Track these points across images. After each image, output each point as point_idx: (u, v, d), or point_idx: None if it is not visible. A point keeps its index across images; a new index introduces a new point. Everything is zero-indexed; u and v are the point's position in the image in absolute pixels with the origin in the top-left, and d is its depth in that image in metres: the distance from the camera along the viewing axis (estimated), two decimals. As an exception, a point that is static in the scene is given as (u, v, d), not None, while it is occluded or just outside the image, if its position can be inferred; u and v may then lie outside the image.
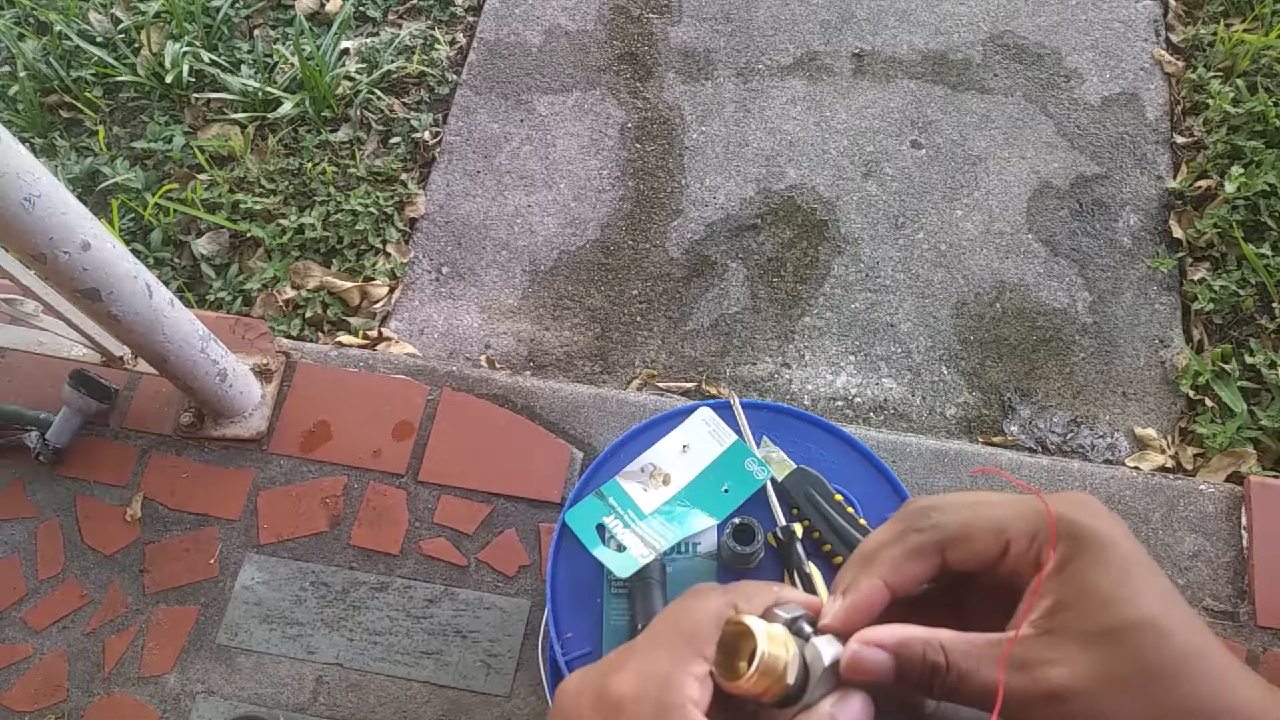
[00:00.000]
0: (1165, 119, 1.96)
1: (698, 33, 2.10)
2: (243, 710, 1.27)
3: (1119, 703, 0.32)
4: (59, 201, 0.96)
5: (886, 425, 1.65)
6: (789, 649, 0.36)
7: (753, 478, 0.94)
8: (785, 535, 0.88)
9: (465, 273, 1.84)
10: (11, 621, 1.35)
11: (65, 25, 2.08)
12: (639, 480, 0.94)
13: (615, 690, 0.37)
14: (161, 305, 1.16)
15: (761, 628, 0.36)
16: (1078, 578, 0.34)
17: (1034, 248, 1.82)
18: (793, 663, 0.36)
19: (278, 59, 2.06)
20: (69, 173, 1.91)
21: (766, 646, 0.35)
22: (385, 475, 1.43)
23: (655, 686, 0.36)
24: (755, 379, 1.71)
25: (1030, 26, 2.08)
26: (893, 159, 1.93)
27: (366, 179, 1.91)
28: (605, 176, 1.93)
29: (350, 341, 1.71)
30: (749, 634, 0.36)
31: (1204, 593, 1.34)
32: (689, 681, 0.36)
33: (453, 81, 2.06)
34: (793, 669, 0.36)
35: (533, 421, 1.46)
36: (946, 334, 1.74)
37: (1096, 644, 0.33)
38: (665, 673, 0.36)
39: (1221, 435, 1.55)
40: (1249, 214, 1.75)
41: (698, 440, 0.96)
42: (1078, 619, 0.33)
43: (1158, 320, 1.74)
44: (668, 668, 0.36)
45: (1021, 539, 0.36)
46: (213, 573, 1.37)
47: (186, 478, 1.43)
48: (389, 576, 1.35)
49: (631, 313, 1.79)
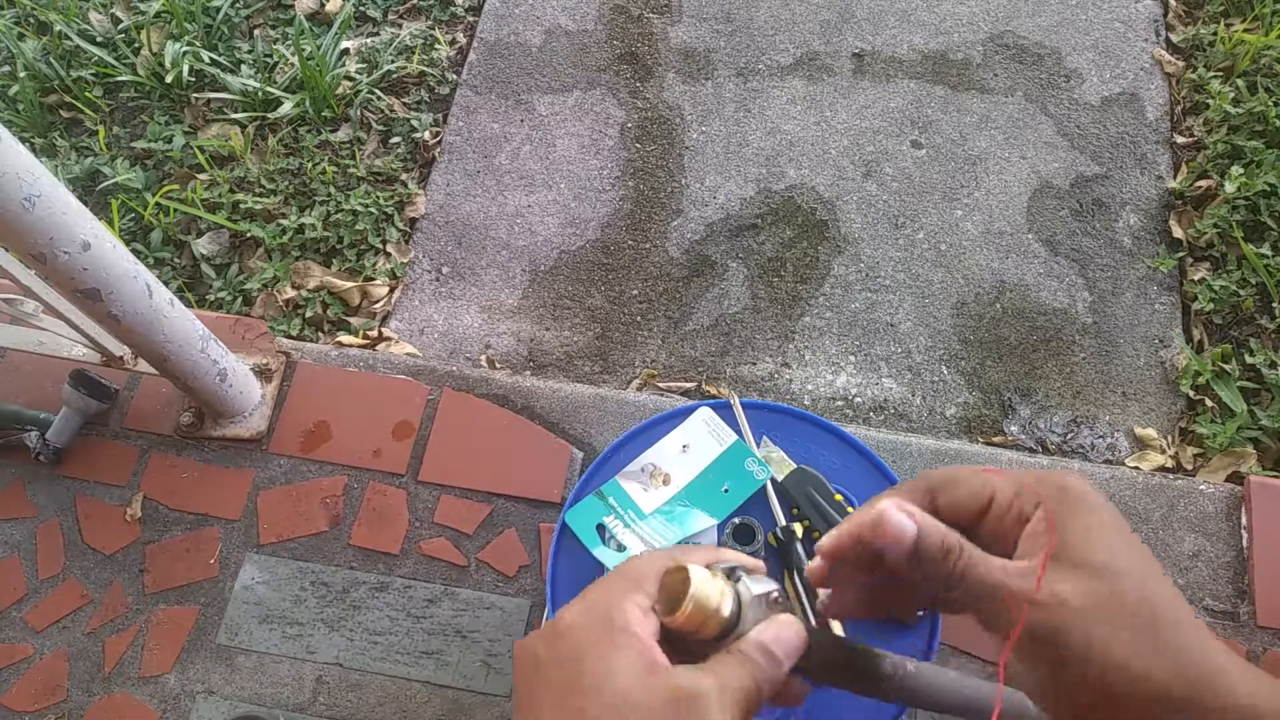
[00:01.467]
0: (1165, 119, 1.96)
1: (698, 33, 2.10)
2: (243, 710, 1.27)
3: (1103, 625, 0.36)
4: (59, 201, 0.96)
5: (886, 425, 1.65)
6: (722, 589, 0.41)
7: (752, 478, 0.94)
8: (785, 535, 0.88)
9: (465, 273, 1.84)
10: (11, 621, 1.35)
11: (65, 25, 2.08)
12: (639, 480, 0.94)
13: (563, 621, 0.41)
14: (161, 305, 1.16)
15: (697, 570, 0.41)
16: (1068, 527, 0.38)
17: (1034, 248, 1.82)
18: (725, 599, 0.41)
19: (278, 59, 2.06)
20: (69, 173, 1.91)
21: (699, 585, 0.40)
22: (385, 475, 1.42)
23: (600, 611, 0.40)
24: (755, 379, 1.71)
25: (1030, 26, 2.08)
26: (893, 159, 1.93)
27: (366, 179, 1.91)
28: (605, 176, 1.93)
29: (350, 341, 1.71)
30: (687, 577, 0.40)
31: (1204, 593, 1.34)
32: (631, 608, 0.40)
33: (453, 81, 2.06)
34: (726, 604, 0.41)
35: (533, 421, 1.46)
36: (946, 334, 1.74)
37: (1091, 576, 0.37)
38: (609, 600, 0.41)
39: (1221, 435, 1.54)
40: (1249, 214, 1.75)
41: (698, 440, 0.96)
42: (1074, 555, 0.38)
43: (1158, 320, 1.74)
44: (612, 598, 0.41)
45: (1006, 494, 0.40)
46: (213, 573, 1.37)
47: (186, 478, 1.43)
48: (389, 576, 1.35)
49: (631, 313, 1.79)
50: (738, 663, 0.40)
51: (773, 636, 0.41)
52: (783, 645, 0.41)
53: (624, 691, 0.38)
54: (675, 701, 0.37)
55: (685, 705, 0.37)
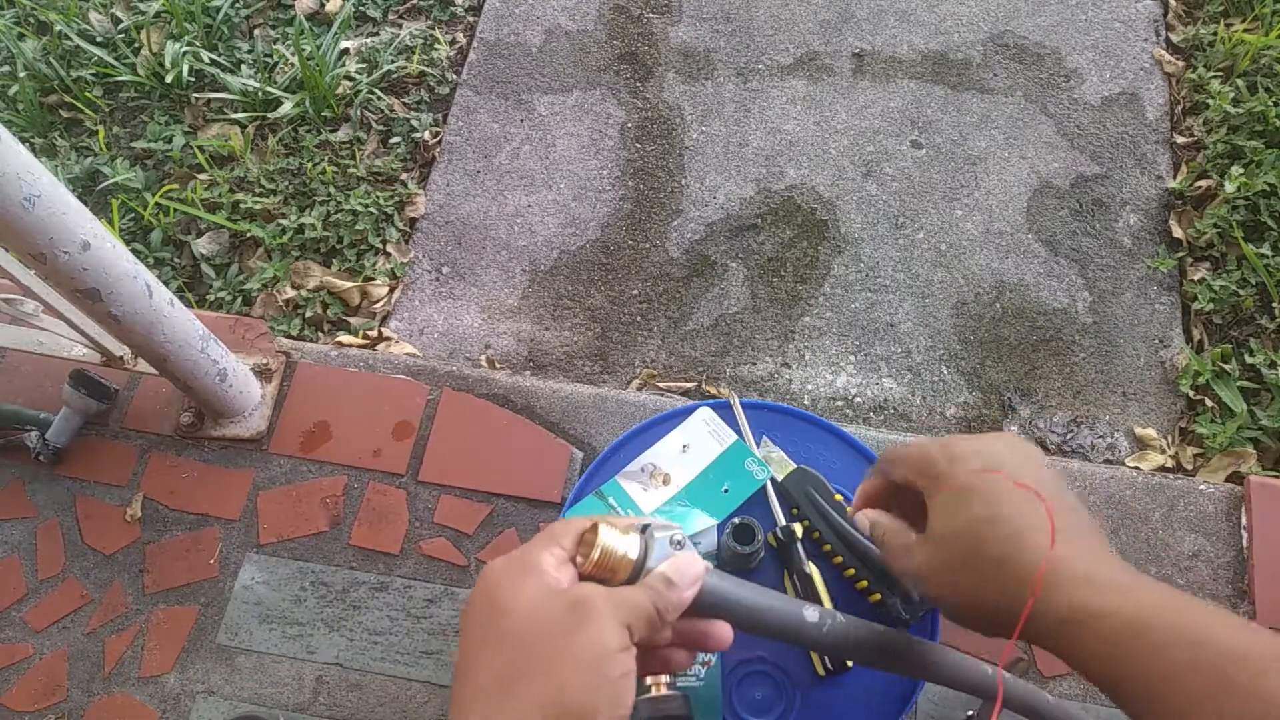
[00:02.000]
0: (1165, 119, 1.96)
1: (698, 33, 2.10)
2: (243, 710, 1.27)
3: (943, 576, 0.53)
4: (59, 201, 0.97)
5: (886, 425, 1.65)
6: (631, 539, 0.48)
7: (752, 477, 0.94)
8: (785, 535, 0.88)
9: (465, 273, 1.84)
10: (11, 621, 1.35)
11: (65, 25, 2.08)
12: (639, 480, 0.94)
13: (488, 568, 0.48)
14: (161, 305, 1.16)
15: (606, 526, 0.48)
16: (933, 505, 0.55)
17: (1034, 248, 1.82)
18: (633, 546, 0.48)
19: (278, 59, 2.06)
20: (69, 173, 1.91)
21: (605, 534, 0.47)
22: (385, 475, 1.42)
23: (517, 558, 0.48)
24: (755, 379, 1.71)
25: (1030, 26, 2.08)
26: (893, 159, 1.93)
27: (366, 179, 1.91)
28: (605, 176, 1.93)
29: (350, 341, 1.71)
30: (597, 529, 0.47)
31: (1204, 593, 1.34)
32: (545, 555, 0.47)
33: (453, 81, 2.06)
34: (633, 550, 0.48)
35: (533, 421, 1.46)
36: (946, 334, 1.74)
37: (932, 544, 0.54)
38: (527, 551, 0.48)
39: (1221, 435, 1.54)
40: (1249, 214, 1.75)
41: (698, 440, 0.96)
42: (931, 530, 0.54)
43: (1158, 320, 1.74)
44: (530, 549, 0.48)
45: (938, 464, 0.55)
46: (213, 573, 1.37)
47: (186, 478, 1.43)
48: (389, 576, 1.35)
49: (631, 313, 1.79)
50: (636, 588, 0.47)
51: (671, 566, 0.48)
52: (679, 573, 0.48)
53: (529, 605, 0.45)
54: (570, 606, 0.45)
55: (577, 607, 0.45)
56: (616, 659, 0.44)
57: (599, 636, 0.44)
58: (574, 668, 0.43)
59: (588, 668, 0.43)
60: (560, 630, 0.44)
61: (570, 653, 0.43)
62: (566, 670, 0.43)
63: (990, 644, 1.30)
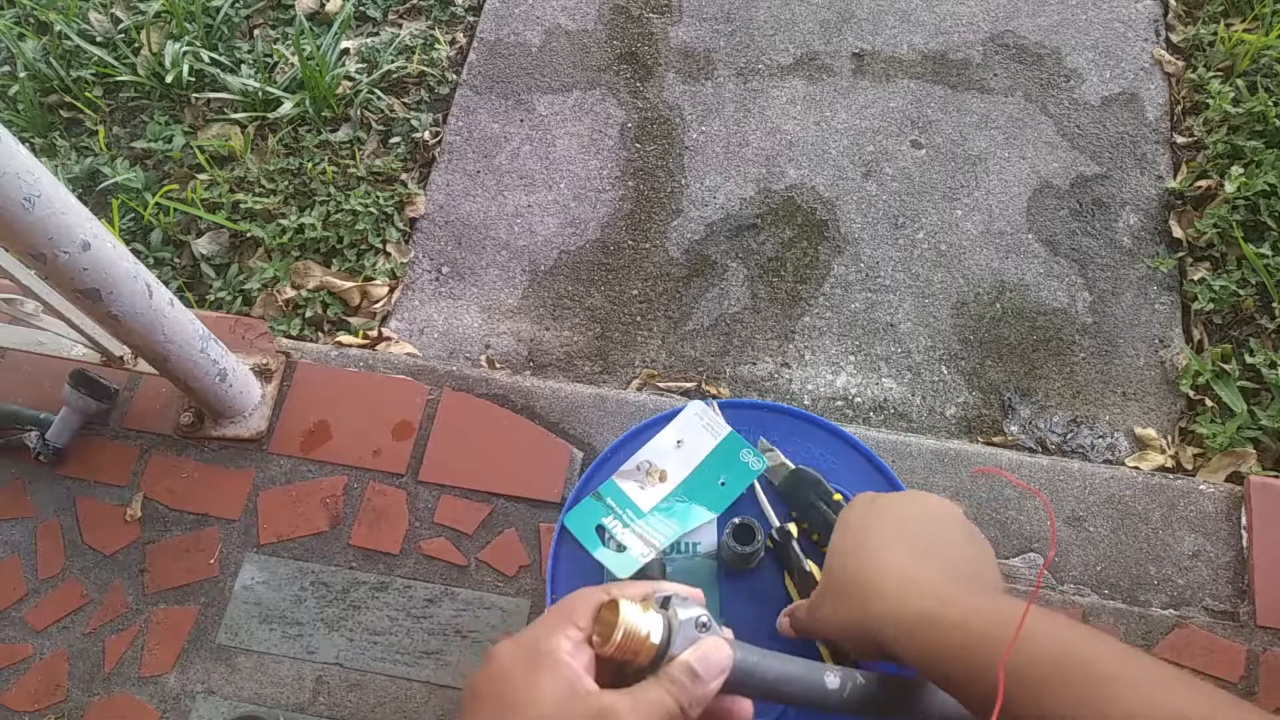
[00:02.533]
0: (1165, 119, 1.96)
1: (698, 32, 2.10)
2: (243, 710, 1.27)
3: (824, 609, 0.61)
4: (59, 201, 0.97)
5: (886, 425, 1.65)
6: (652, 617, 0.45)
7: (748, 469, 0.94)
8: (781, 536, 0.88)
9: (465, 273, 1.84)
10: (11, 621, 1.35)
11: (65, 25, 2.08)
12: (635, 479, 0.94)
13: (497, 653, 0.44)
14: (161, 305, 1.16)
15: (627, 603, 0.44)
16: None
17: (1034, 248, 1.82)
18: (655, 627, 0.44)
19: (278, 59, 2.06)
20: (69, 173, 1.91)
21: (628, 615, 0.44)
22: (385, 475, 1.43)
23: (530, 642, 0.44)
24: (755, 379, 1.71)
25: (1030, 26, 2.08)
26: (893, 159, 1.93)
27: (366, 179, 1.91)
28: (605, 176, 1.93)
29: (350, 341, 1.71)
30: (618, 609, 0.44)
31: (1204, 593, 1.34)
32: (561, 639, 0.44)
33: (453, 81, 2.06)
34: (656, 632, 0.44)
35: (533, 421, 1.46)
36: (946, 334, 1.74)
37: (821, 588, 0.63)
38: (540, 633, 0.44)
39: (1221, 435, 1.54)
40: (1249, 214, 1.75)
41: (691, 434, 0.96)
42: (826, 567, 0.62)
43: (1158, 320, 1.74)
44: (543, 631, 0.44)
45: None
46: (213, 573, 1.37)
47: (186, 478, 1.43)
48: (389, 576, 1.35)
49: (631, 313, 1.79)
50: (658, 683, 0.43)
51: (697, 657, 0.44)
52: (705, 664, 0.44)
53: (547, 712, 0.40)
54: (593, 718, 0.40)
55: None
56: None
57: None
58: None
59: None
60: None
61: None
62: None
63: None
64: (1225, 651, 1.29)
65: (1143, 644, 1.31)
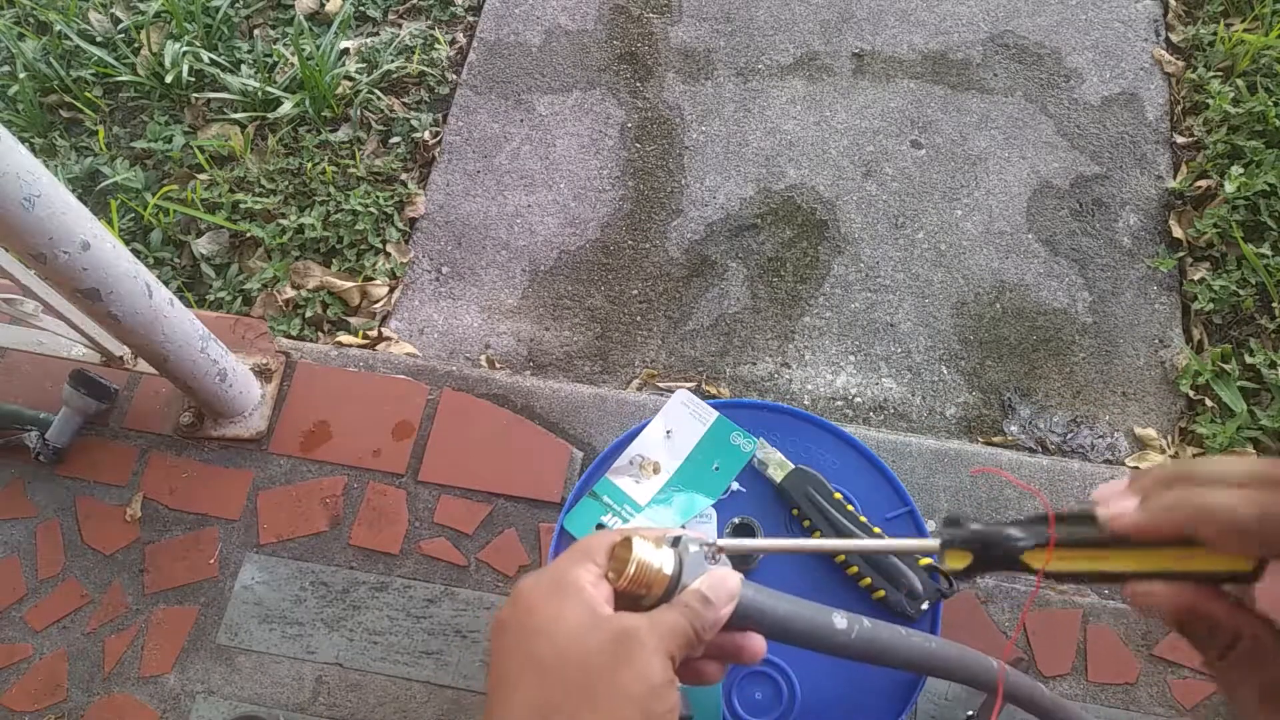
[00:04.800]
0: (1165, 119, 1.96)
1: (698, 33, 2.10)
2: (243, 710, 1.27)
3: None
4: (59, 201, 0.97)
5: (886, 425, 1.65)
6: (665, 552, 0.47)
7: (740, 450, 0.94)
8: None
9: (465, 273, 1.84)
10: (11, 621, 1.35)
11: (65, 25, 2.08)
12: (629, 474, 0.94)
13: (522, 586, 0.47)
14: (161, 305, 1.16)
15: (640, 540, 0.47)
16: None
17: (1034, 248, 1.82)
18: (668, 560, 0.47)
19: (278, 59, 2.06)
20: (69, 173, 1.91)
21: (641, 549, 0.46)
22: (385, 475, 1.42)
23: (552, 575, 0.46)
24: (755, 379, 1.71)
25: (1030, 26, 2.08)
26: (893, 159, 1.93)
27: (366, 179, 1.91)
28: (605, 176, 1.93)
29: (350, 341, 1.71)
30: (631, 545, 0.46)
31: (1204, 593, 1.34)
32: (581, 573, 0.46)
33: (453, 81, 2.06)
34: (668, 564, 0.46)
35: (533, 421, 1.46)
36: (946, 334, 1.74)
37: None
38: (561, 568, 0.47)
39: (1221, 435, 1.54)
40: (1249, 214, 1.75)
41: (680, 424, 0.96)
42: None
43: (1158, 320, 1.74)
44: (564, 566, 0.47)
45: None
46: (213, 573, 1.37)
47: (186, 478, 1.43)
48: (389, 576, 1.35)
49: (631, 313, 1.79)
50: (673, 608, 0.46)
51: (708, 584, 0.47)
52: (716, 590, 0.47)
53: (570, 633, 0.43)
54: (614, 638, 0.43)
55: (622, 639, 0.43)
56: (662, 694, 0.43)
57: (646, 671, 0.43)
58: (620, 704, 0.41)
59: (635, 704, 0.42)
60: (606, 664, 0.43)
61: (616, 689, 0.42)
62: (612, 707, 0.41)
63: (989, 640, 1.30)
64: (1225, 651, 1.29)
65: (1143, 644, 1.31)
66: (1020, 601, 1.33)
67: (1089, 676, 1.29)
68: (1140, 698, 1.27)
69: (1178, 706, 1.27)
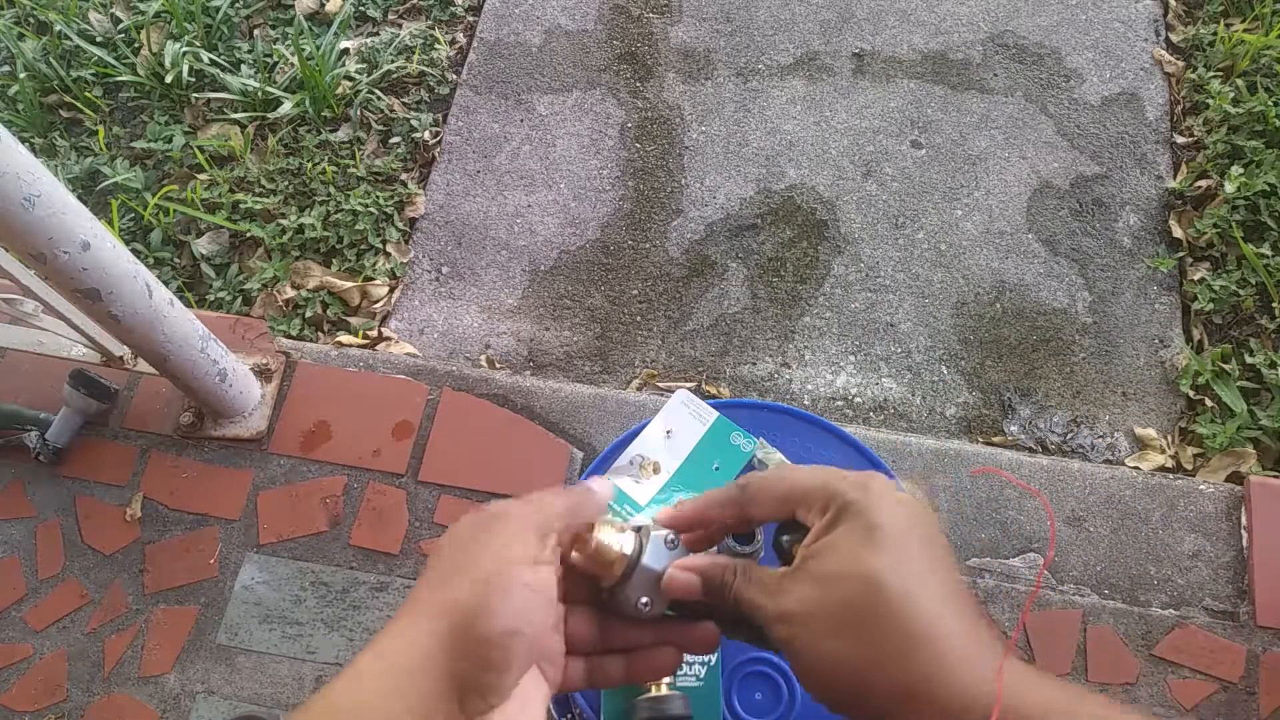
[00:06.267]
0: (1165, 119, 1.96)
1: (698, 33, 2.10)
2: (243, 710, 1.27)
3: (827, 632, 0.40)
4: (59, 201, 0.97)
5: (886, 425, 1.65)
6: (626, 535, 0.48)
7: (740, 450, 0.94)
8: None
9: (465, 273, 1.84)
10: (11, 621, 1.35)
11: (65, 25, 2.08)
12: (629, 474, 0.94)
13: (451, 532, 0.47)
14: (161, 305, 1.16)
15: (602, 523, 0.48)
16: (830, 534, 0.42)
17: (1034, 248, 1.82)
18: (628, 542, 0.48)
19: (278, 59, 2.06)
20: (69, 173, 1.91)
21: (602, 533, 0.47)
22: (385, 475, 1.43)
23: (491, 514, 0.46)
24: (755, 379, 1.71)
25: (1030, 26, 2.08)
26: (893, 159, 1.93)
27: (366, 179, 1.91)
28: (605, 176, 1.93)
29: (350, 341, 1.71)
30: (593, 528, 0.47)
31: (1204, 593, 1.34)
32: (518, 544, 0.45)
33: (453, 81, 2.06)
34: (628, 545, 0.47)
35: (533, 421, 1.46)
36: (946, 334, 1.74)
37: (825, 583, 0.41)
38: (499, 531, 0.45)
39: (1221, 435, 1.54)
40: (1249, 214, 1.75)
41: (680, 423, 0.96)
42: (819, 564, 0.42)
43: (1158, 320, 1.74)
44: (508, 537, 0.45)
45: (806, 508, 0.45)
46: (213, 573, 1.37)
47: (186, 478, 1.43)
48: (389, 576, 1.35)
49: (631, 313, 1.79)
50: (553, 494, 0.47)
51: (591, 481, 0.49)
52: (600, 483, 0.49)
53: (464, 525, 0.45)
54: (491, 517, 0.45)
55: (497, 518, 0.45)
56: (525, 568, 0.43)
57: (507, 541, 0.43)
58: (479, 573, 0.42)
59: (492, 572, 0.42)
60: (478, 538, 0.44)
61: (479, 559, 0.43)
62: (473, 574, 0.42)
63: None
64: (1225, 651, 1.29)
65: (1143, 644, 1.31)
66: (1020, 601, 1.33)
67: (1089, 676, 1.29)
68: (1140, 697, 1.27)
69: (1178, 706, 1.27)
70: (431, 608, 0.42)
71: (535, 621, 0.42)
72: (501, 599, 0.41)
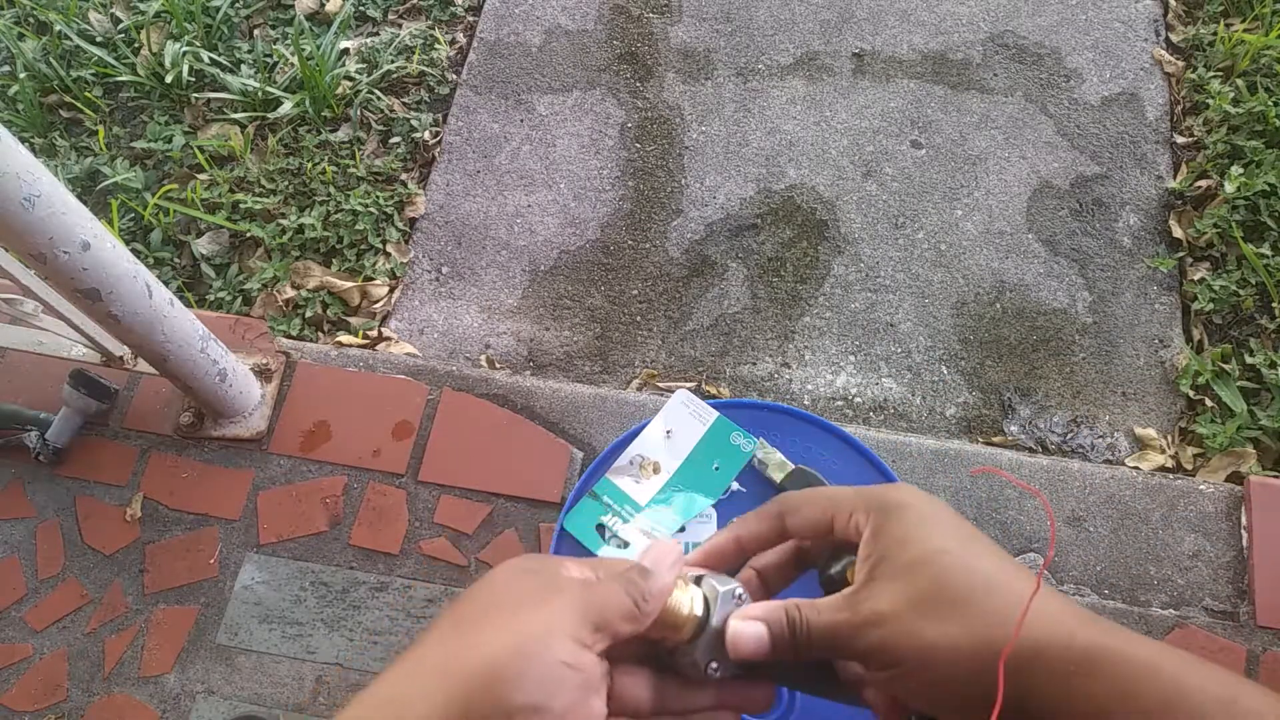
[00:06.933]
0: (1165, 119, 1.96)
1: (698, 33, 2.10)
2: (243, 710, 1.27)
3: (926, 619, 0.38)
4: (59, 201, 0.97)
5: (886, 425, 1.65)
6: (692, 591, 0.44)
7: (740, 450, 0.94)
8: None
9: (465, 273, 1.84)
10: (11, 621, 1.35)
11: (65, 25, 2.08)
12: (629, 474, 0.94)
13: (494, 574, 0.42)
14: (161, 305, 1.16)
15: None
16: (885, 534, 0.42)
17: (1034, 248, 1.82)
18: (695, 601, 0.43)
19: (278, 59, 2.06)
20: (69, 173, 1.91)
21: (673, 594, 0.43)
22: (385, 475, 1.43)
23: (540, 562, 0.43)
24: (755, 379, 1.71)
25: (1030, 26, 2.08)
26: (893, 159, 1.93)
27: (366, 179, 1.91)
28: (605, 176, 1.93)
29: (350, 341, 1.71)
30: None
31: (1204, 593, 1.34)
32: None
33: (453, 81, 2.06)
34: (697, 604, 0.43)
35: (533, 421, 1.46)
36: (946, 334, 1.74)
37: (903, 575, 0.40)
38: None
39: (1221, 435, 1.54)
40: (1249, 214, 1.75)
41: (680, 423, 0.96)
42: (888, 563, 0.41)
43: (1158, 320, 1.74)
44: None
45: (844, 513, 0.44)
46: (213, 573, 1.37)
47: (186, 478, 1.43)
48: (389, 576, 1.35)
49: (631, 313, 1.79)
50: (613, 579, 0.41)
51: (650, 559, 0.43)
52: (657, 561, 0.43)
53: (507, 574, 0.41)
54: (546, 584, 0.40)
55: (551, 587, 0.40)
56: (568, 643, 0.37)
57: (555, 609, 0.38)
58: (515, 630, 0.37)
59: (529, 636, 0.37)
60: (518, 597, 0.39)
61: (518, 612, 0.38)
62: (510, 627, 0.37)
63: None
64: (1225, 651, 1.29)
65: (1143, 644, 1.31)
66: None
67: (1089, 676, 1.29)
68: (1140, 698, 1.27)
69: (1178, 706, 1.27)
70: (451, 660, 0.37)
71: (566, 701, 0.36)
72: (532, 667, 0.36)
